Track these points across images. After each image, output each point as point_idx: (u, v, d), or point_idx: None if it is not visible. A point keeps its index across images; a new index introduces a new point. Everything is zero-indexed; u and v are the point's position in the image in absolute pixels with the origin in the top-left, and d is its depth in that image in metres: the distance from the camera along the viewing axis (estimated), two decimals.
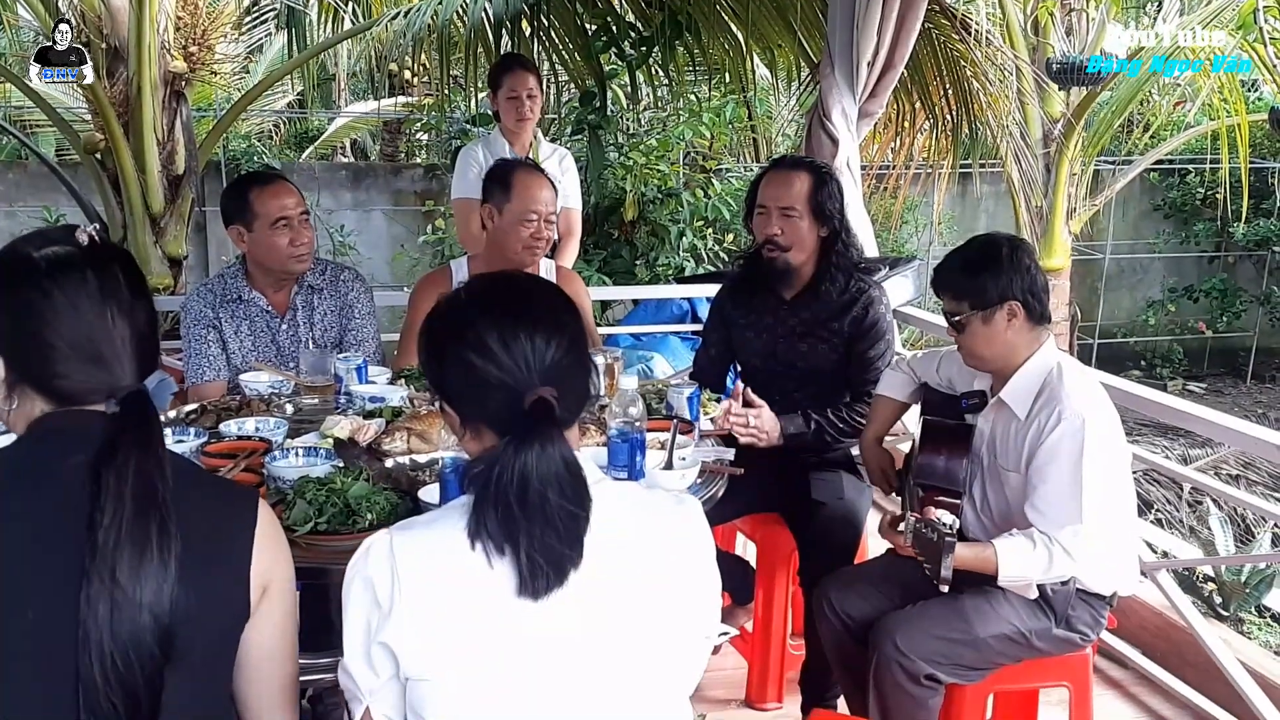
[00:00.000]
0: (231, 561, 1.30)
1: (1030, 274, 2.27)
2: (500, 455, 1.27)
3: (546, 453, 1.27)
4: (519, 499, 1.25)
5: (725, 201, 7.12)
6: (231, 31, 7.10)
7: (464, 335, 1.35)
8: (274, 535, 1.36)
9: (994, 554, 2.18)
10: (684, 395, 2.50)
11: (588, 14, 5.28)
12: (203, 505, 1.31)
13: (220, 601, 1.29)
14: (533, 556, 1.26)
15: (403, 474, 2.05)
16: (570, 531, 1.28)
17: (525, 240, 2.96)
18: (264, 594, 1.33)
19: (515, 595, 1.28)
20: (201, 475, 1.45)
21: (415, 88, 11.15)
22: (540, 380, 1.32)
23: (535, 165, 3.13)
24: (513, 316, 1.35)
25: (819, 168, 2.88)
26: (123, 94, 5.49)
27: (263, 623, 1.34)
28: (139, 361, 1.30)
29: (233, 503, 1.35)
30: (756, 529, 3.06)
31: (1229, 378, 10.89)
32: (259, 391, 2.62)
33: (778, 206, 2.81)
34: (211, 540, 1.29)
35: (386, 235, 9.19)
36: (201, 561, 1.26)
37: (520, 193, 2.95)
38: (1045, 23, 7.60)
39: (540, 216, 2.95)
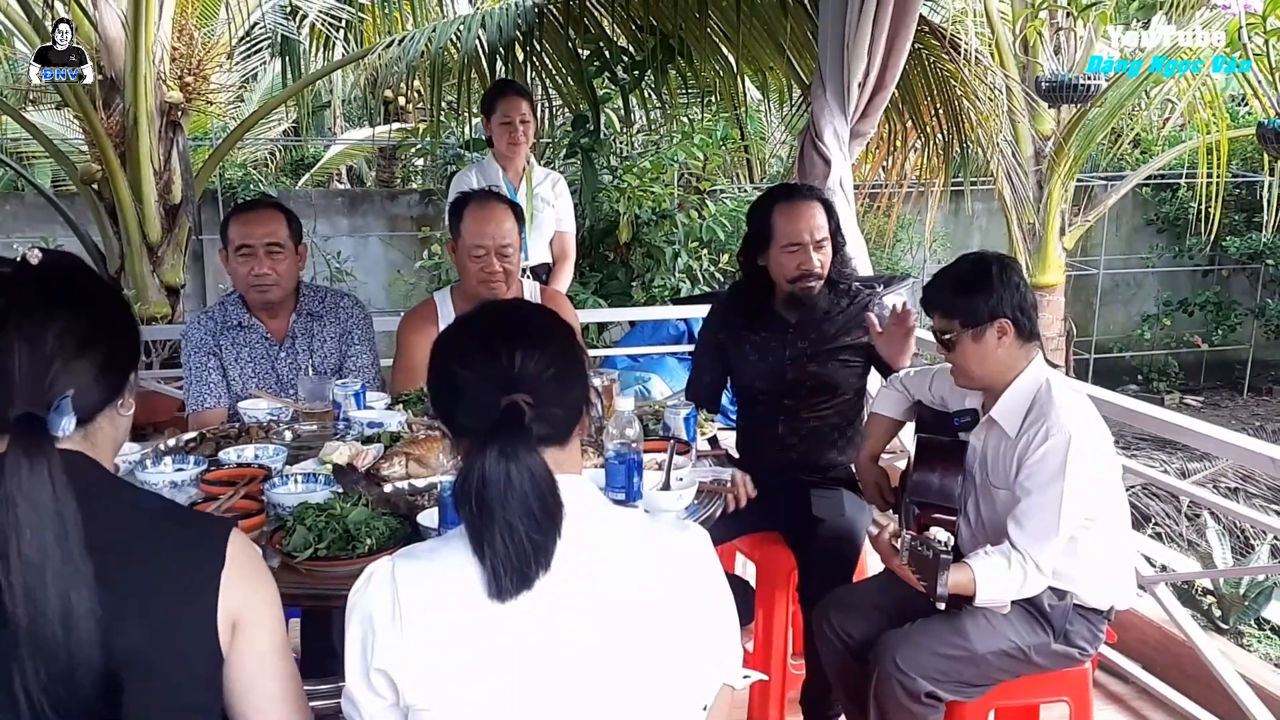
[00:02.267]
0: (192, 603, 1.27)
1: (1020, 291, 2.29)
2: (468, 459, 1.29)
3: (509, 458, 1.27)
4: (479, 501, 1.27)
5: (720, 222, 7.14)
6: (226, 61, 7.12)
7: (450, 346, 1.41)
8: (248, 570, 1.32)
9: (972, 578, 2.19)
10: (680, 416, 2.51)
11: (580, 39, 5.32)
12: (161, 545, 1.28)
13: (182, 644, 1.26)
14: (495, 560, 1.27)
15: (401, 499, 2.06)
16: (535, 539, 1.27)
17: (477, 274, 2.96)
18: (235, 631, 1.30)
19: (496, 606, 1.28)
20: (169, 513, 1.38)
21: (410, 113, 11.19)
22: (515, 389, 1.33)
23: (495, 196, 3.10)
24: (495, 329, 1.40)
25: (824, 198, 2.94)
26: (119, 125, 5.51)
27: (242, 660, 1.31)
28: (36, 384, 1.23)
29: (197, 541, 1.31)
30: (756, 548, 3.06)
31: (1225, 391, 10.91)
32: (258, 419, 2.63)
33: (814, 240, 2.84)
34: (168, 581, 1.26)
35: (383, 261, 9.21)
36: (156, 604, 1.24)
37: (469, 225, 2.95)
38: (1034, 42, 7.66)
39: (489, 250, 2.93)
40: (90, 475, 1.28)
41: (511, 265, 2.98)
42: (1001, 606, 2.26)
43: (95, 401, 1.30)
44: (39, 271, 1.30)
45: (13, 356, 1.23)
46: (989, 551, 2.22)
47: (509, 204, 3.06)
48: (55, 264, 1.32)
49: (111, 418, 1.34)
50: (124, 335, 1.35)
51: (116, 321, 1.35)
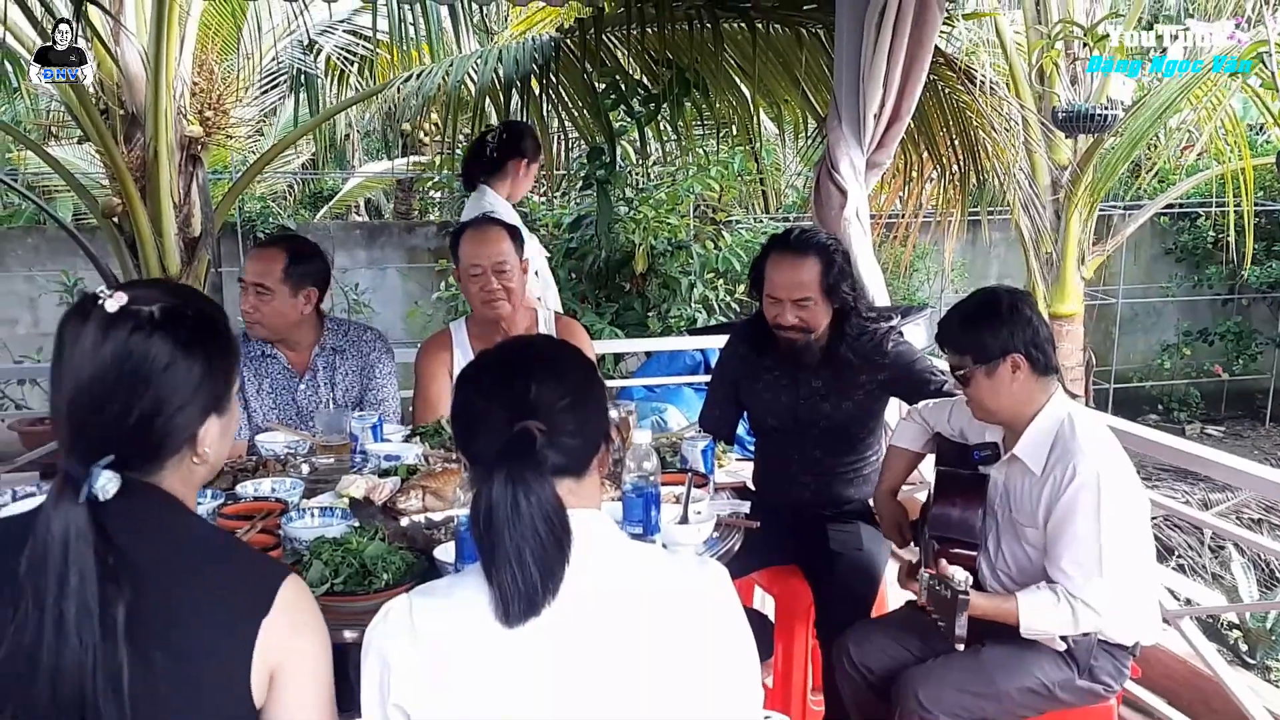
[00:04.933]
0: (225, 651, 1.25)
1: (1032, 325, 2.27)
2: (479, 483, 1.30)
3: (517, 483, 1.27)
4: (487, 526, 1.27)
5: (735, 253, 7.16)
6: (245, 96, 7.20)
7: (471, 375, 1.43)
8: (297, 620, 1.30)
9: (1015, 607, 2.16)
10: (698, 448, 2.50)
11: (596, 73, 5.35)
12: (206, 587, 1.26)
13: (208, 689, 1.24)
14: (502, 585, 1.27)
15: (418, 533, 2.05)
16: (542, 566, 1.27)
17: (478, 294, 3.03)
18: (275, 681, 1.27)
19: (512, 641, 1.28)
20: (225, 554, 1.35)
21: (428, 146, 11.28)
22: (528, 415, 1.33)
23: (491, 220, 3.18)
24: (514, 359, 1.43)
25: (825, 246, 2.80)
26: (140, 159, 5.57)
27: (280, 712, 1.28)
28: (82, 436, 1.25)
29: (243, 586, 1.29)
30: (774, 582, 3.04)
31: (1247, 420, 10.81)
32: (275, 452, 2.63)
33: (790, 299, 2.76)
34: (202, 626, 1.24)
35: (401, 292, 9.25)
36: (182, 650, 1.23)
37: (465, 249, 3.04)
38: (1050, 72, 7.67)
39: (485, 269, 3.01)
40: (155, 511, 1.29)
41: (510, 283, 3.02)
42: (1051, 641, 2.25)
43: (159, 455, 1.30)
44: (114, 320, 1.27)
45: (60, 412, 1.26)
46: (1041, 587, 2.21)
47: (504, 225, 3.10)
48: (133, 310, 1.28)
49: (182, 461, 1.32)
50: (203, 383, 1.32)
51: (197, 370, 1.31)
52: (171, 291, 1.34)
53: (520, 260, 3.07)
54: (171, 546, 1.28)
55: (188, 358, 1.30)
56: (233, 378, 1.38)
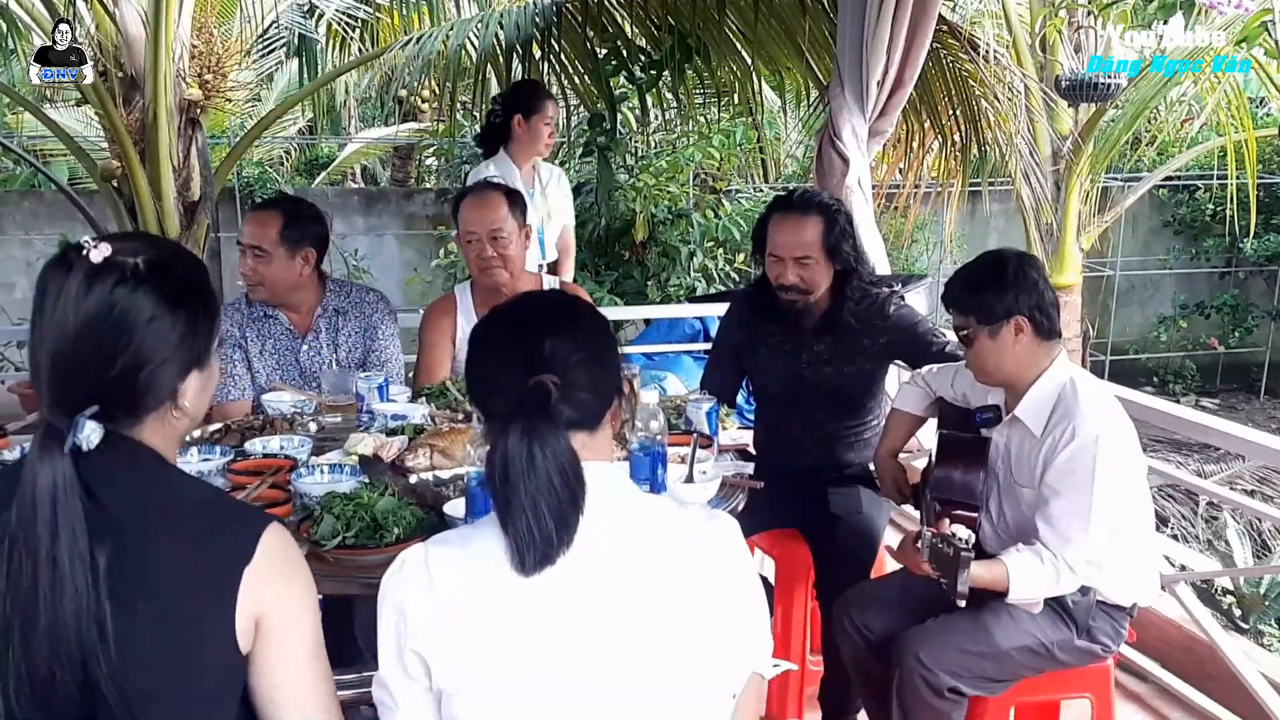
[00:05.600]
0: (208, 599, 1.25)
1: (1038, 289, 2.28)
2: (495, 436, 1.31)
3: (533, 436, 1.29)
4: (503, 479, 1.29)
5: (735, 222, 7.15)
6: (244, 59, 7.15)
7: (485, 332, 1.45)
8: (281, 568, 1.30)
9: (1005, 574, 2.19)
10: (703, 410, 2.51)
11: (598, 38, 5.33)
12: (188, 537, 1.27)
13: (192, 639, 1.25)
14: (518, 536, 1.28)
15: (427, 490, 2.07)
16: (557, 517, 1.29)
17: (475, 261, 3.05)
18: (260, 630, 1.28)
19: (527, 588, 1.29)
20: (208, 505, 1.35)
21: (426, 113, 11.22)
22: (542, 370, 1.34)
23: (491, 185, 3.17)
24: (528, 314, 1.45)
25: (827, 206, 2.82)
26: (139, 122, 5.53)
27: (268, 659, 1.29)
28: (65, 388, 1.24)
29: (225, 533, 1.29)
30: (775, 545, 3.06)
31: (1242, 393, 10.87)
32: (281, 411, 2.65)
33: (792, 256, 2.78)
34: (187, 574, 1.25)
35: (399, 259, 9.24)
36: (168, 595, 1.23)
37: (464, 215, 3.05)
38: (1054, 41, 7.64)
39: (481, 236, 3.01)
40: (136, 463, 1.29)
41: (507, 250, 3.02)
42: (1033, 605, 2.26)
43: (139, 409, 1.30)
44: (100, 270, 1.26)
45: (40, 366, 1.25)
46: (1021, 549, 2.22)
47: (505, 191, 3.09)
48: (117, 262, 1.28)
49: (162, 417, 1.33)
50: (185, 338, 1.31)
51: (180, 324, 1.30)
52: (154, 245, 1.34)
53: (521, 227, 3.06)
54: (153, 498, 1.28)
55: (171, 311, 1.29)
56: (214, 333, 1.38)
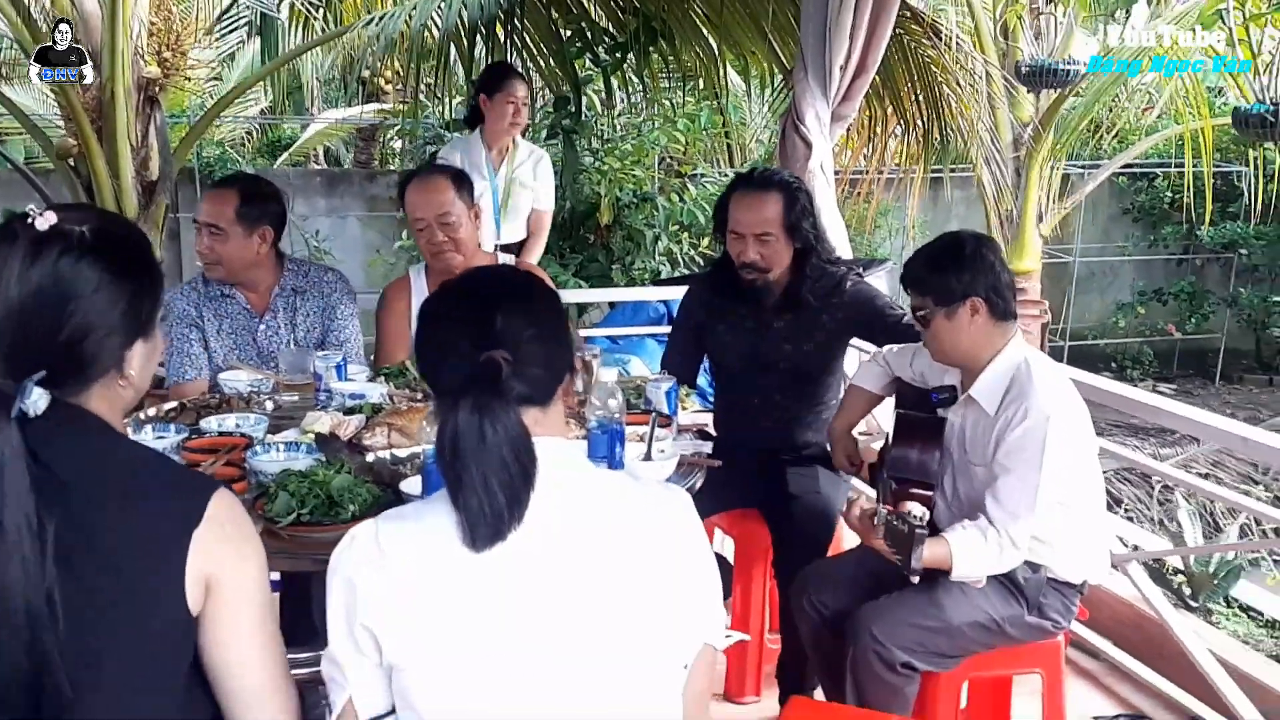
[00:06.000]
0: (157, 559, 1.26)
1: (994, 271, 2.31)
2: (445, 412, 1.30)
3: (484, 412, 1.28)
4: (453, 454, 1.28)
5: (700, 206, 7.15)
6: (205, 38, 7.06)
7: (435, 306, 1.44)
8: (230, 532, 1.31)
9: (949, 553, 2.22)
10: (662, 390, 2.53)
11: (562, 19, 5.31)
12: (139, 499, 1.28)
13: (142, 598, 1.25)
14: (469, 512, 1.28)
15: (384, 468, 2.07)
16: (507, 493, 1.29)
17: (426, 247, 2.99)
18: (210, 592, 1.29)
19: (478, 562, 1.29)
20: (158, 469, 1.38)
21: (389, 94, 11.13)
22: (493, 345, 1.34)
23: (436, 168, 3.12)
24: (479, 289, 1.45)
25: (788, 184, 2.85)
26: (96, 100, 5.44)
27: (218, 622, 1.31)
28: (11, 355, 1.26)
29: (175, 497, 1.31)
30: (734, 525, 3.09)
31: (1198, 379, 11.03)
32: (238, 390, 2.63)
33: (753, 233, 2.80)
34: (137, 536, 1.26)
35: (361, 241, 9.18)
36: (120, 556, 1.24)
37: (410, 201, 2.98)
38: (1014, 27, 7.69)
39: (430, 221, 2.93)
40: (82, 427, 1.29)
41: (457, 234, 2.95)
42: (977, 581, 2.29)
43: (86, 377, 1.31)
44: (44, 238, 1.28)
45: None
46: (966, 526, 2.25)
47: (451, 173, 3.04)
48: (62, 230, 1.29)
49: (108, 384, 1.33)
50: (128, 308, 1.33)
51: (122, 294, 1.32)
52: (98, 215, 1.36)
53: (470, 207, 3.00)
54: (100, 463, 1.29)
55: (116, 281, 1.31)
56: (158, 303, 1.39)
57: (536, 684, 1.32)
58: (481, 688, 1.31)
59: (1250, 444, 2.82)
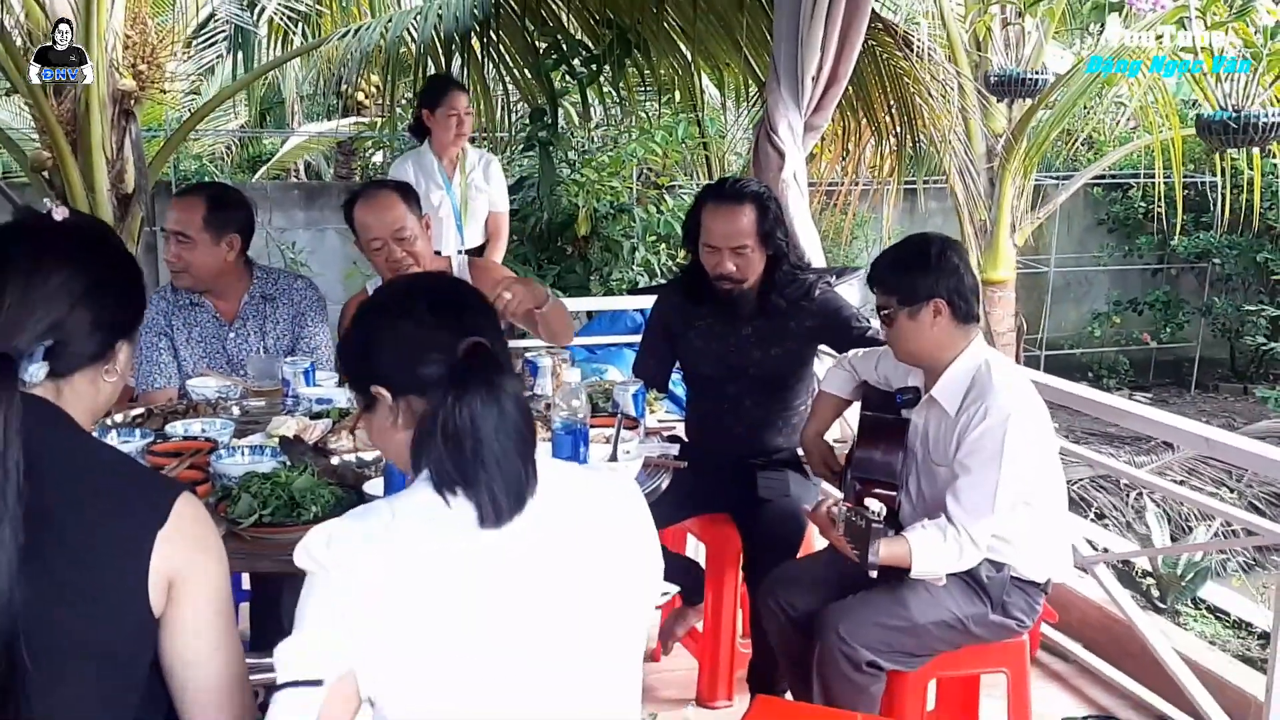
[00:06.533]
0: (122, 557, 1.27)
1: (959, 274, 2.35)
2: (441, 406, 1.32)
3: (497, 389, 1.33)
4: (473, 437, 1.30)
5: (677, 217, 7.17)
6: (182, 51, 7.06)
7: (393, 308, 1.46)
8: (192, 533, 1.32)
9: (908, 551, 2.24)
10: (629, 393, 2.55)
11: (537, 31, 5.34)
12: (105, 498, 1.29)
13: (106, 596, 1.27)
14: (491, 489, 1.31)
15: (348, 470, 2.08)
16: (522, 456, 1.34)
17: (384, 265, 2.91)
18: (172, 592, 1.30)
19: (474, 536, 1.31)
20: (123, 469, 1.40)
21: (368, 108, 11.14)
22: (470, 331, 1.37)
23: (380, 184, 3.03)
24: (432, 287, 1.52)
25: (759, 195, 2.87)
26: (70, 112, 5.44)
27: (179, 622, 1.32)
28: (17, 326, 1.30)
29: (141, 498, 1.32)
30: (706, 529, 3.10)
31: (1173, 387, 11.10)
32: (206, 396, 2.63)
33: (729, 246, 2.82)
34: (103, 534, 1.27)
35: (340, 254, 9.15)
36: (85, 554, 1.25)
37: (362, 221, 2.90)
38: (984, 38, 7.77)
39: (385, 239, 2.86)
40: (54, 423, 1.31)
41: (414, 248, 2.88)
42: (937, 579, 2.31)
43: (79, 358, 1.34)
44: (59, 226, 1.37)
45: (2, 298, 1.29)
46: (926, 525, 2.27)
47: (398, 187, 2.97)
48: (78, 223, 1.40)
49: (93, 379, 1.37)
50: (124, 301, 1.41)
51: (122, 289, 1.40)
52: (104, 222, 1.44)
53: (420, 218, 2.95)
54: (70, 461, 1.31)
55: (121, 275, 1.40)
56: (143, 310, 1.47)
57: (517, 676, 1.34)
58: (458, 682, 1.32)
59: (1213, 444, 2.86)
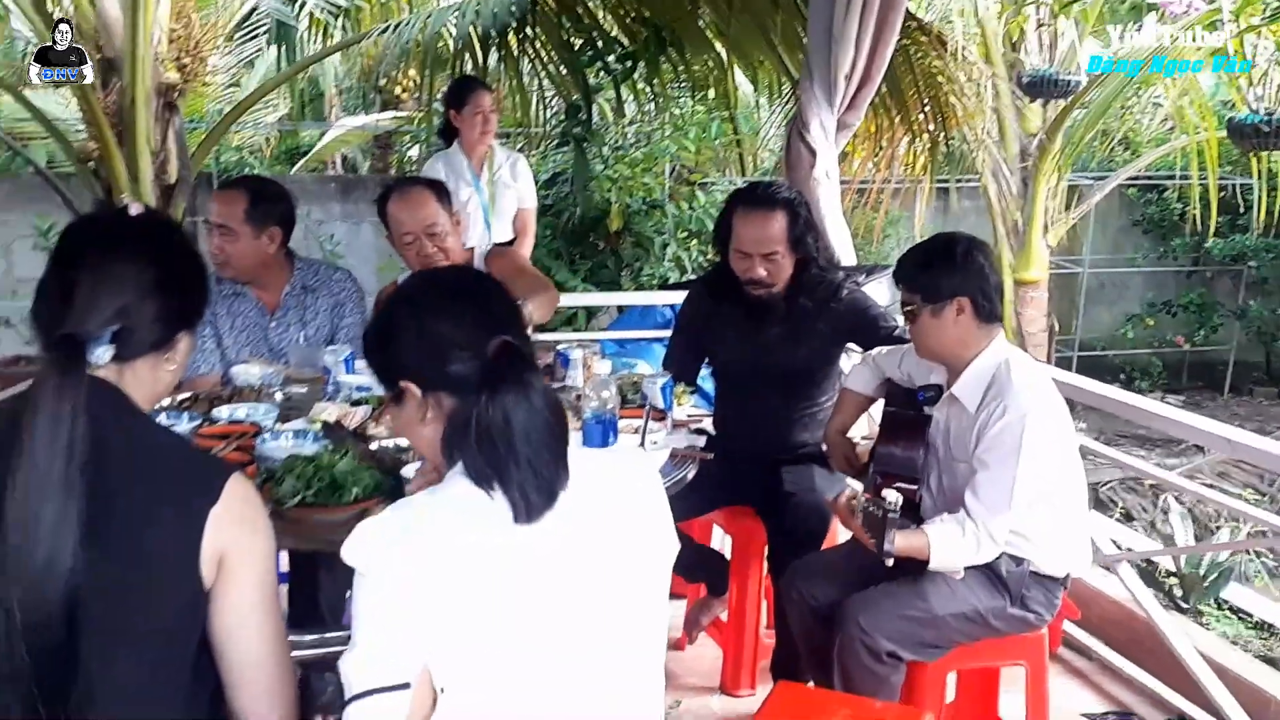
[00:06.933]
0: (177, 533, 1.34)
1: (983, 274, 2.38)
2: (476, 404, 1.35)
3: (528, 388, 1.37)
4: (503, 435, 1.34)
5: (709, 214, 7.21)
6: (224, 44, 7.18)
7: (422, 305, 1.48)
8: (243, 513, 1.39)
9: (926, 543, 2.29)
10: (658, 385, 2.61)
11: (573, 28, 5.40)
12: (161, 476, 1.37)
13: (160, 570, 1.33)
14: (523, 485, 1.35)
15: (387, 455, 2.16)
16: (554, 453, 1.38)
17: (415, 260, 3.00)
18: (222, 568, 1.37)
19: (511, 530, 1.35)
20: (179, 449, 1.48)
21: (405, 102, 11.26)
22: (500, 329, 1.41)
23: (413, 181, 3.14)
24: (460, 284, 1.54)
25: (790, 201, 2.91)
26: (116, 105, 5.56)
27: (227, 596, 1.38)
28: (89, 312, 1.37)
29: (195, 478, 1.39)
30: (731, 522, 3.16)
31: (1207, 391, 11.02)
32: (249, 382, 2.72)
33: (760, 252, 2.87)
34: (159, 510, 1.34)
35: (375, 246, 9.25)
36: (142, 529, 1.32)
37: (395, 217, 3.00)
38: (1018, 38, 7.74)
39: (417, 234, 2.96)
40: (115, 404, 1.38)
41: (445, 243, 2.98)
42: (954, 572, 2.35)
43: (142, 344, 1.42)
44: (133, 220, 1.47)
45: (77, 283, 1.37)
46: (945, 519, 2.32)
47: (430, 184, 3.08)
48: (150, 219, 1.50)
49: (154, 365, 1.45)
50: (188, 294, 1.50)
51: (186, 282, 1.49)
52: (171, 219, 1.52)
53: (451, 215, 3.04)
54: (129, 440, 1.38)
55: (187, 267, 1.50)
56: (205, 307, 1.55)
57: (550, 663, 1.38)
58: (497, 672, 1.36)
59: (1235, 445, 2.88)
